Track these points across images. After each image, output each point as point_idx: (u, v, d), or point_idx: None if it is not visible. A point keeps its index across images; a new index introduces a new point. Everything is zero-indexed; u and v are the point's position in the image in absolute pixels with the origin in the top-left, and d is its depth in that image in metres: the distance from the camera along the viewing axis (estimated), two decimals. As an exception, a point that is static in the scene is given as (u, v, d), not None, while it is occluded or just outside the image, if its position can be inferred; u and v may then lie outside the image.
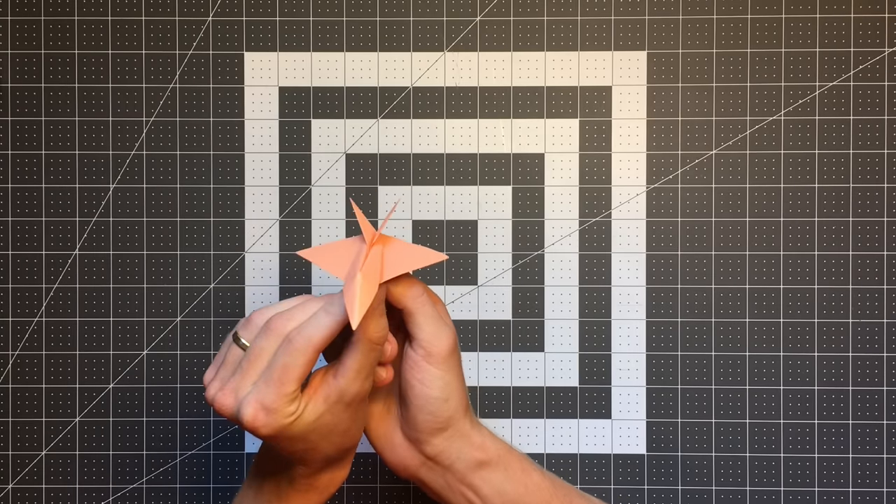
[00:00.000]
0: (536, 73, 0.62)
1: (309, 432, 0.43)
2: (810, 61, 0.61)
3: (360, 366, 0.43)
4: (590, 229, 0.62)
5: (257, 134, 0.62)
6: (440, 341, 0.45)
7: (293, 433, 0.43)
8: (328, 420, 0.44)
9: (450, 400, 0.46)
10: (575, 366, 0.62)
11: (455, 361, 0.46)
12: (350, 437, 0.46)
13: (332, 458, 0.46)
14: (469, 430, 0.47)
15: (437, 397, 0.46)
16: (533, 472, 0.48)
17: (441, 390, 0.46)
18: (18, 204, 0.62)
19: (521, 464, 0.48)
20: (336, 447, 0.45)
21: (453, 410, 0.46)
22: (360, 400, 0.45)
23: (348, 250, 0.45)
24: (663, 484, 0.61)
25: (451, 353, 0.46)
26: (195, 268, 0.62)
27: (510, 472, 0.48)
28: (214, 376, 0.44)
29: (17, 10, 0.62)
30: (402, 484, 0.62)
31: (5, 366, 0.62)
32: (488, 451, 0.48)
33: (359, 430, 0.47)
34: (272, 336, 0.43)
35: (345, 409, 0.44)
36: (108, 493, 0.62)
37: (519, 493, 0.47)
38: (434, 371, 0.46)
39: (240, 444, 0.62)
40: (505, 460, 0.48)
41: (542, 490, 0.48)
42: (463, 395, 0.47)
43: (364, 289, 0.42)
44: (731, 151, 0.62)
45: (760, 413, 0.61)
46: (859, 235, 0.61)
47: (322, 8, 0.62)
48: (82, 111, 0.62)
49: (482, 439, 0.48)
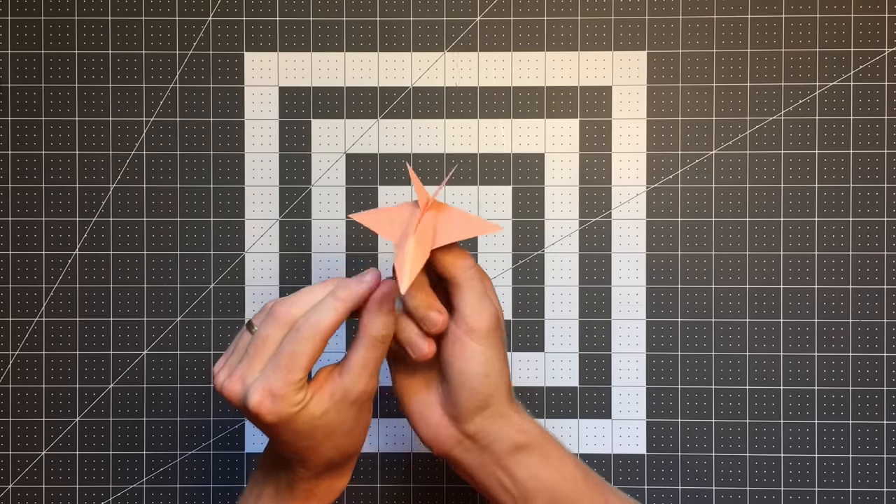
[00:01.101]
0: (536, 73, 0.62)
1: (313, 429, 0.43)
2: (810, 61, 0.61)
3: (365, 362, 0.43)
4: (590, 229, 0.62)
5: (257, 134, 0.62)
6: (482, 316, 0.45)
7: (298, 427, 0.43)
8: (332, 418, 0.43)
9: (490, 376, 0.45)
10: (575, 366, 0.62)
11: (497, 338, 0.45)
12: (353, 440, 0.46)
13: (334, 461, 0.46)
14: (510, 412, 0.46)
15: (478, 372, 0.45)
16: (569, 462, 0.48)
17: (482, 365, 0.45)
18: (18, 204, 0.62)
19: (558, 452, 0.47)
20: (338, 449, 0.45)
21: (494, 388, 0.45)
22: (366, 399, 0.45)
23: (401, 215, 0.44)
24: (663, 484, 0.61)
25: (494, 329, 0.45)
26: (195, 268, 0.62)
27: (548, 458, 0.47)
28: (224, 364, 0.44)
29: (17, 10, 0.62)
30: (402, 484, 0.62)
31: (5, 366, 0.62)
32: (529, 435, 0.47)
33: (362, 433, 0.46)
34: (277, 323, 0.43)
35: (349, 407, 0.44)
36: (108, 493, 0.62)
37: (554, 479, 0.47)
38: (475, 346, 0.45)
39: (240, 444, 0.62)
40: (544, 446, 0.47)
41: (576, 480, 0.47)
42: (505, 374, 0.46)
43: (416, 253, 0.42)
44: (731, 151, 0.62)
45: (760, 413, 0.61)
46: (859, 235, 0.61)
47: (322, 8, 0.62)
48: (82, 111, 0.62)
49: (522, 422, 0.47)
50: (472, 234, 0.44)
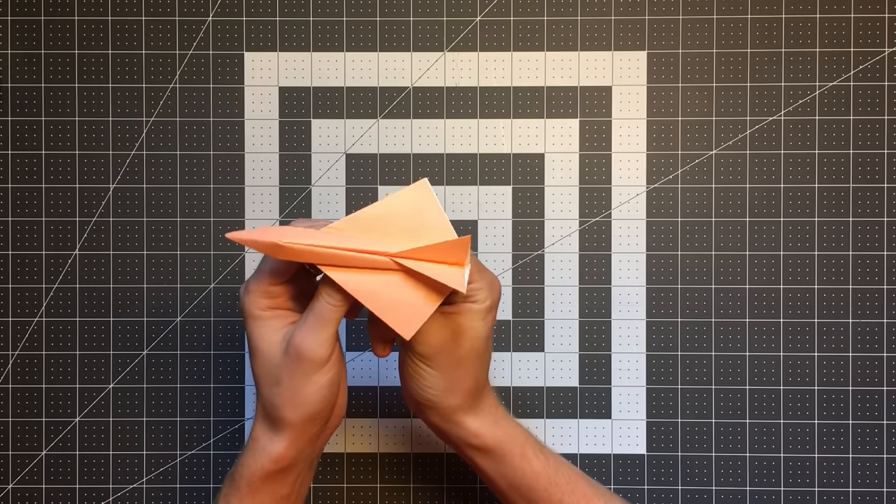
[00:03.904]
0: (536, 73, 0.62)
1: (256, 350, 0.46)
2: (810, 61, 0.61)
3: (315, 324, 0.45)
4: (590, 229, 0.62)
5: (257, 134, 0.62)
6: (424, 345, 0.46)
7: (252, 339, 0.46)
8: (272, 353, 0.45)
9: (438, 393, 0.47)
10: (575, 366, 0.62)
11: (445, 362, 0.47)
12: (280, 394, 0.45)
13: (273, 416, 0.46)
14: (465, 420, 0.48)
15: (427, 387, 0.47)
16: (534, 461, 0.49)
17: (428, 382, 0.47)
18: (18, 204, 0.62)
19: (522, 451, 0.49)
20: (272, 399, 0.45)
21: (444, 401, 0.47)
22: (304, 360, 0.44)
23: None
24: (663, 484, 0.61)
25: (438, 354, 0.46)
26: (195, 268, 0.62)
27: (506, 459, 0.49)
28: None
29: (17, 10, 0.62)
30: (402, 484, 0.62)
31: (5, 366, 0.62)
32: (483, 440, 0.49)
33: (292, 394, 0.45)
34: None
35: (285, 353, 0.45)
36: (108, 493, 0.62)
37: (516, 476, 0.49)
38: (423, 369, 0.47)
39: (240, 444, 0.62)
40: (502, 451, 0.49)
41: (539, 478, 0.49)
42: (458, 391, 0.47)
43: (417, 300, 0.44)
44: (731, 151, 0.62)
45: (760, 413, 0.61)
46: (859, 235, 0.61)
47: (322, 8, 0.62)
48: (82, 111, 0.62)
49: (479, 427, 0.49)
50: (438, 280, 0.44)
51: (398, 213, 0.44)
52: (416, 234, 0.44)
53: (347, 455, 0.62)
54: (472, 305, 0.46)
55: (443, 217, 0.44)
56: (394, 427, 0.62)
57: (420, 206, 0.44)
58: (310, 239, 0.43)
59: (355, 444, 0.62)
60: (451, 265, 0.43)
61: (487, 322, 0.47)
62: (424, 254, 0.43)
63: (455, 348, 0.46)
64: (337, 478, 0.62)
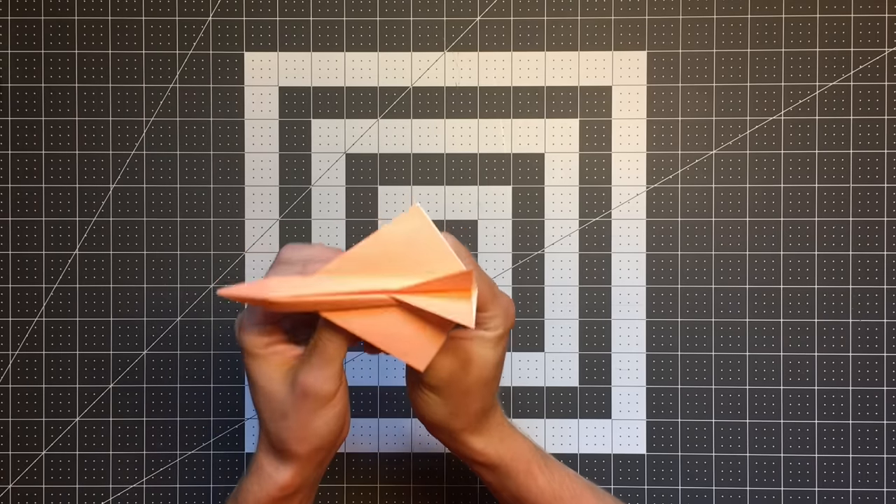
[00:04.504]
0: (536, 73, 0.62)
1: (256, 382, 0.45)
2: (810, 61, 0.61)
3: (319, 362, 0.44)
4: (590, 229, 0.62)
5: (257, 134, 0.62)
6: (429, 375, 0.46)
7: (252, 373, 0.45)
8: (275, 388, 0.45)
9: (442, 418, 0.47)
10: (575, 366, 0.62)
11: (453, 391, 0.46)
12: (287, 427, 0.45)
13: (279, 448, 0.46)
14: (470, 440, 0.48)
15: (432, 413, 0.47)
16: (539, 477, 0.50)
17: (433, 409, 0.47)
18: (18, 204, 0.62)
19: (527, 468, 0.50)
20: (279, 433, 0.45)
21: (448, 425, 0.47)
22: (311, 396, 0.44)
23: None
24: (663, 484, 0.61)
25: (447, 384, 0.46)
26: (195, 268, 0.62)
27: (511, 476, 0.49)
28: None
29: (17, 10, 0.62)
30: (402, 484, 0.62)
31: (5, 366, 0.62)
32: (488, 458, 0.49)
33: (300, 427, 0.45)
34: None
35: (291, 389, 0.44)
36: (108, 493, 0.62)
37: (520, 491, 0.50)
38: (428, 396, 0.47)
39: (240, 444, 0.62)
40: (506, 468, 0.49)
41: (544, 493, 0.50)
42: (469, 416, 0.47)
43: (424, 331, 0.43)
44: (731, 151, 0.62)
45: (760, 413, 0.61)
46: (859, 235, 0.61)
47: (322, 8, 0.62)
48: (82, 111, 0.62)
49: (484, 447, 0.49)
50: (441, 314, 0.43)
51: (393, 245, 0.42)
52: (416, 265, 0.42)
53: (347, 455, 0.62)
54: (485, 333, 0.45)
55: (441, 243, 0.42)
56: (394, 427, 0.62)
57: (416, 235, 0.42)
58: (302, 289, 0.41)
59: (355, 444, 0.62)
60: (458, 294, 0.42)
61: (498, 351, 0.45)
62: (427, 287, 0.41)
63: (463, 377, 0.45)
64: (337, 478, 0.62)
